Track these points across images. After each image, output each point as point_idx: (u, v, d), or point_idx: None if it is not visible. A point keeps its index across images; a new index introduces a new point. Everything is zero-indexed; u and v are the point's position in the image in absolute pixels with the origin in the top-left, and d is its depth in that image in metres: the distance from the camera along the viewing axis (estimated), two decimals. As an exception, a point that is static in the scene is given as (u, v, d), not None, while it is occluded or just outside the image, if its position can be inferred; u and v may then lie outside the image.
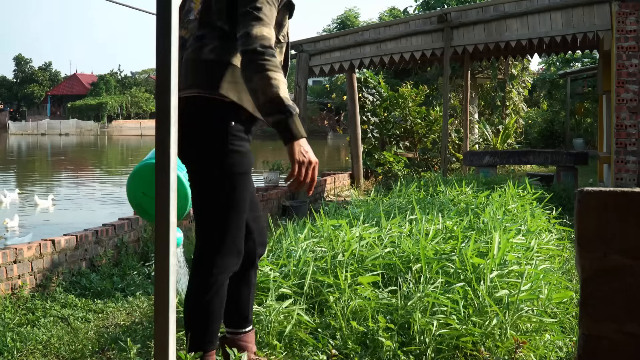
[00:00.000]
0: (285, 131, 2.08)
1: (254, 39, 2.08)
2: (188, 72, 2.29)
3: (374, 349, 2.87)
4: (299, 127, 2.10)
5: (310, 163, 2.12)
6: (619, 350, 1.35)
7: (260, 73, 2.06)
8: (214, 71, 2.24)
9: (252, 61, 2.07)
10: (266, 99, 2.06)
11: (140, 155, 30.66)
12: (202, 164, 2.29)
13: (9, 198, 12.86)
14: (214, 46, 2.26)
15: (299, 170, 2.11)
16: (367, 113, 13.94)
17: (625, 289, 1.35)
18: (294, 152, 2.10)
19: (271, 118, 2.08)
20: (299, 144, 2.09)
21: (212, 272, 2.31)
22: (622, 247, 1.35)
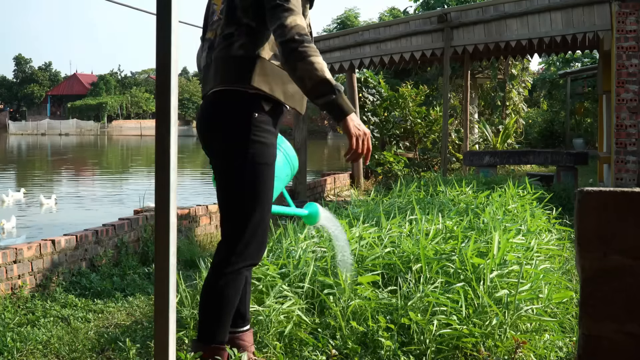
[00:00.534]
0: (337, 110, 2.15)
1: (290, 29, 2.14)
2: (217, 70, 2.36)
3: (374, 349, 2.87)
4: (348, 103, 2.17)
5: (365, 134, 2.19)
6: (619, 350, 1.35)
7: (303, 60, 2.12)
8: (244, 66, 2.30)
9: (293, 50, 2.13)
10: (314, 83, 2.13)
11: (140, 155, 30.67)
12: (226, 155, 2.34)
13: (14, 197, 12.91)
14: (243, 42, 2.32)
15: (357, 142, 2.16)
16: (367, 113, 13.94)
17: (625, 289, 1.35)
18: (349, 126, 2.15)
19: (321, 100, 2.15)
20: (351, 118, 2.16)
21: (231, 260, 2.34)
22: (622, 247, 1.35)
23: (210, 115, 2.39)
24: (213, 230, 7.11)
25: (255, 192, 2.32)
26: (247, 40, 2.31)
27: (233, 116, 2.32)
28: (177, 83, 1.77)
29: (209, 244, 6.64)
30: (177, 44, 1.75)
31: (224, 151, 2.35)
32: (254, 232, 2.34)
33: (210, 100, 2.39)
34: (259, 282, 3.42)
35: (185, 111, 62.64)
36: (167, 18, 1.71)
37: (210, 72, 2.40)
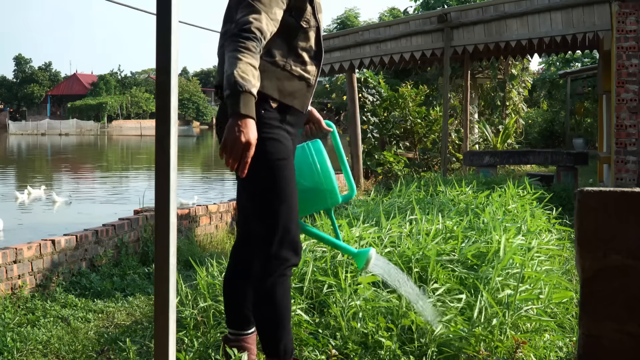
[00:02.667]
0: (231, 106, 2.03)
1: (237, 25, 2.10)
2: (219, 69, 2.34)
3: (374, 349, 2.87)
4: (247, 106, 2.02)
5: (240, 141, 2.01)
6: (619, 350, 1.35)
7: (229, 53, 2.06)
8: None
9: (228, 45, 2.08)
10: (225, 76, 2.05)
11: (140, 155, 30.68)
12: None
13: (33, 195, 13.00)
14: None
15: (226, 145, 2.02)
16: (367, 113, 13.94)
17: (625, 289, 1.35)
18: (230, 127, 2.02)
19: (224, 93, 2.06)
20: (238, 122, 2.01)
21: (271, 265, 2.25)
22: (622, 247, 1.35)
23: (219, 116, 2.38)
24: (213, 230, 7.11)
25: (277, 189, 2.24)
26: None
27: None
28: (177, 83, 1.77)
29: (209, 244, 6.64)
30: (177, 44, 1.75)
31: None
32: (286, 230, 2.25)
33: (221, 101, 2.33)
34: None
35: (185, 111, 62.61)
36: (167, 18, 1.71)
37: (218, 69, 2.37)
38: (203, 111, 65.10)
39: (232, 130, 2.01)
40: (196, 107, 64.35)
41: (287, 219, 2.25)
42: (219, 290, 3.47)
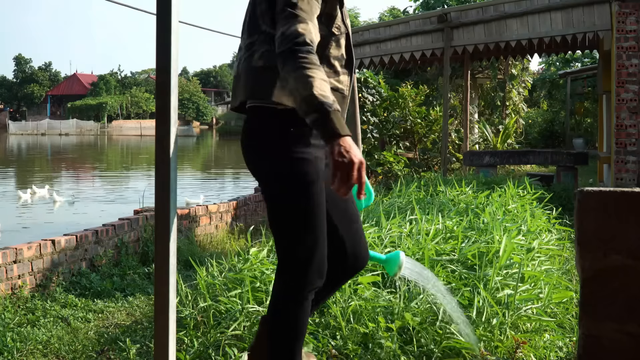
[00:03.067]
0: (324, 130, 1.87)
1: (288, 38, 1.95)
2: (242, 83, 2.18)
3: (374, 349, 2.87)
4: (339, 124, 1.88)
5: (353, 163, 1.84)
6: (619, 350, 1.35)
7: (294, 73, 1.91)
8: (264, 78, 2.12)
9: (286, 62, 1.93)
10: (301, 98, 1.89)
11: (141, 155, 30.68)
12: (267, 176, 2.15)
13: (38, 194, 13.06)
14: (263, 52, 2.13)
15: (339, 171, 1.86)
16: (367, 113, 13.94)
17: (625, 289, 1.35)
18: (334, 151, 1.86)
19: (309, 118, 1.90)
20: (339, 143, 1.86)
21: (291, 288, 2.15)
22: (622, 247, 1.35)
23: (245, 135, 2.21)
24: (213, 230, 7.11)
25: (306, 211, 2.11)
26: (268, 49, 2.11)
27: (268, 134, 2.12)
28: (177, 83, 1.77)
29: (209, 244, 6.64)
30: (177, 44, 1.75)
31: (265, 173, 2.16)
32: (311, 255, 2.13)
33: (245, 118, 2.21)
34: (260, 282, 3.42)
35: (185, 111, 62.59)
36: (167, 18, 1.72)
37: (239, 83, 2.21)
38: (203, 111, 65.09)
39: (340, 154, 1.85)
40: (196, 107, 64.31)
41: (315, 241, 2.13)
42: (219, 290, 3.48)
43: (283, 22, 1.99)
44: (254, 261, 3.61)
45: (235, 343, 2.95)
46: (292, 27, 1.96)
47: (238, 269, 3.62)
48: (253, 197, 8.69)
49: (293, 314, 2.16)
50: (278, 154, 2.10)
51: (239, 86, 2.21)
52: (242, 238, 6.91)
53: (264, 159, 2.14)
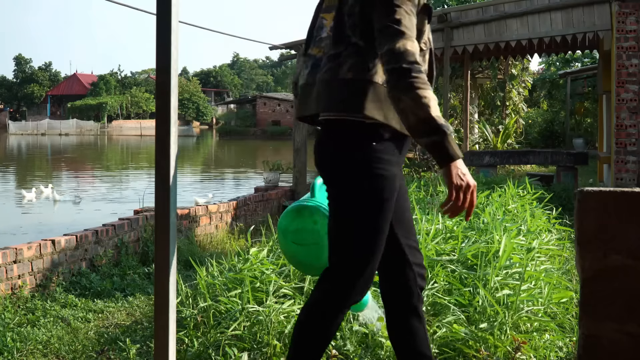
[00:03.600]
0: (440, 153, 1.91)
1: (399, 55, 1.94)
2: (323, 94, 2.13)
3: (374, 349, 2.87)
4: (455, 147, 1.91)
5: (469, 187, 1.91)
6: (619, 350, 1.35)
7: (409, 93, 1.91)
8: (355, 91, 2.07)
9: (400, 80, 1.93)
10: (417, 120, 1.90)
11: (141, 154, 30.69)
12: (342, 189, 2.12)
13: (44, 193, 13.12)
14: (352, 64, 2.08)
15: (457, 194, 1.91)
16: (367, 113, 13.93)
17: (625, 289, 1.35)
18: (451, 174, 1.90)
19: (424, 140, 1.91)
20: (456, 165, 1.91)
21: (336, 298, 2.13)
22: (622, 247, 1.35)
23: (323, 146, 2.18)
24: (213, 230, 7.11)
25: (375, 229, 2.10)
26: (357, 62, 2.08)
27: (350, 148, 2.09)
28: (177, 83, 1.77)
29: (209, 244, 6.64)
30: (177, 44, 1.75)
31: (340, 186, 2.12)
32: (363, 271, 2.12)
33: (324, 129, 2.18)
34: (260, 282, 3.42)
35: (185, 111, 62.56)
36: (167, 18, 1.72)
37: (313, 94, 2.17)
38: (203, 111, 65.06)
39: (456, 177, 1.91)
40: (196, 107, 64.28)
41: (373, 258, 2.12)
42: (219, 290, 3.48)
43: (389, 39, 1.97)
44: (254, 261, 3.61)
45: (235, 343, 2.95)
46: (399, 44, 1.96)
47: (238, 269, 3.62)
48: (253, 197, 8.70)
49: (328, 323, 2.14)
50: (359, 167, 2.08)
51: (312, 96, 2.17)
52: (242, 238, 6.91)
53: (343, 170, 2.11)
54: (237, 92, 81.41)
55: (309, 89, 2.18)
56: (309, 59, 2.23)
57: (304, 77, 2.23)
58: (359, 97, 2.05)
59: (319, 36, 2.22)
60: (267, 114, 53.50)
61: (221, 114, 63.60)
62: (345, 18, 2.11)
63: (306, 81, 2.20)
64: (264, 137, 48.15)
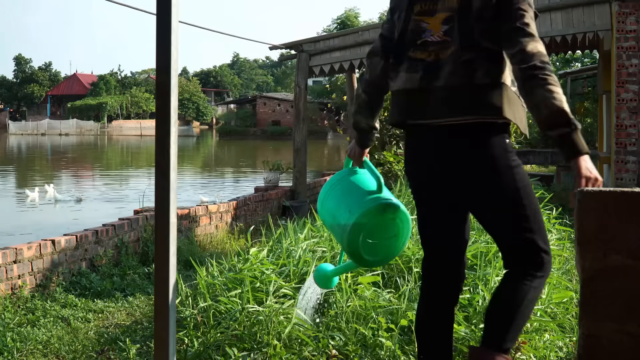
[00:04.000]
0: (570, 145, 2.03)
1: (532, 55, 2.07)
2: (455, 99, 2.18)
3: (374, 349, 2.87)
4: (583, 142, 2.05)
5: (597, 180, 2.02)
6: (619, 350, 1.35)
7: (543, 87, 2.04)
8: (494, 95, 2.17)
9: (534, 76, 2.05)
10: (550, 112, 2.02)
11: (141, 154, 30.67)
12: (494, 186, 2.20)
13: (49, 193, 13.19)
14: (487, 69, 2.17)
15: (584, 185, 2.01)
16: (367, 113, 13.93)
17: (625, 289, 1.35)
18: (580, 167, 2.02)
19: (555, 131, 2.04)
20: (584, 159, 2.03)
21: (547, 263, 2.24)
22: (622, 247, 1.35)
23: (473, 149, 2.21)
24: (213, 230, 7.11)
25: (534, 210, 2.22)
26: (491, 67, 2.17)
27: (494, 148, 2.19)
28: (177, 83, 1.77)
29: (209, 244, 6.64)
30: (177, 44, 1.75)
31: (491, 184, 2.20)
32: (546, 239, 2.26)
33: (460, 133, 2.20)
34: (260, 281, 3.42)
35: (185, 111, 62.52)
36: (167, 18, 1.72)
37: (433, 99, 2.20)
38: (203, 111, 65.04)
39: (585, 170, 2.02)
40: (196, 107, 64.24)
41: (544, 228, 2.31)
42: (219, 290, 3.48)
43: (521, 39, 2.10)
44: (254, 261, 3.61)
45: (235, 343, 2.95)
46: (532, 45, 2.09)
47: (238, 269, 3.62)
48: (253, 197, 8.69)
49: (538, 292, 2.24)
50: (504, 165, 2.19)
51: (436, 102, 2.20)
52: (242, 238, 6.91)
53: (491, 171, 2.19)
54: (237, 92, 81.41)
55: (424, 94, 2.22)
56: (418, 62, 2.24)
57: (417, 81, 2.23)
58: (498, 100, 2.15)
59: (421, 40, 2.24)
60: (267, 114, 53.50)
61: (221, 114, 63.59)
62: (473, 23, 2.16)
63: (419, 85, 2.23)
64: (264, 137, 48.14)
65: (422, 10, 2.26)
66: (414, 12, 2.27)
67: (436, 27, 2.22)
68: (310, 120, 36.89)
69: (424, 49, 2.23)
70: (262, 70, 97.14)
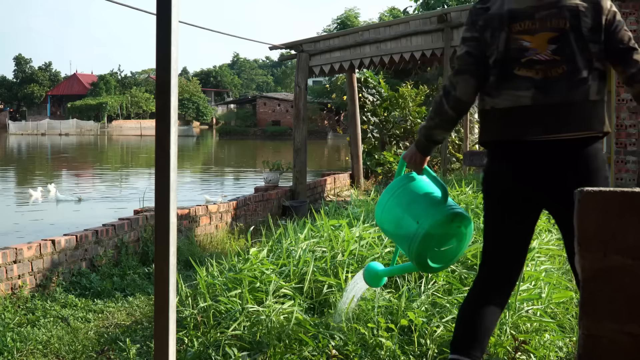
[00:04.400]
0: None
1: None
2: (576, 114, 2.31)
3: (374, 349, 2.87)
4: None
5: None
6: (619, 350, 1.35)
7: None
8: (602, 111, 2.34)
9: None
10: None
11: (141, 154, 30.67)
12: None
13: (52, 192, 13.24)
14: (598, 87, 2.31)
15: None
16: (367, 113, 13.94)
17: (625, 289, 1.35)
18: None
19: None
20: None
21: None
22: (622, 247, 1.35)
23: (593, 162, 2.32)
24: (213, 230, 7.10)
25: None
26: (600, 85, 2.32)
27: (600, 159, 2.34)
28: (177, 83, 1.77)
29: (209, 244, 6.64)
30: (177, 44, 1.75)
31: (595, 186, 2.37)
32: None
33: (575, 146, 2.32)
34: (260, 281, 3.42)
35: (185, 111, 62.51)
36: (167, 18, 1.71)
37: (551, 114, 2.31)
38: (203, 111, 65.03)
39: None
40: (196, 107, 64.22)
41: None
42: (219, 290, 3.48)
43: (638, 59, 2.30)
44: (254, 261, 3.61)
45: (235, 343, 2.95)
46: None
47: (238, 269, 3.62)
48: (253, 197, 8.69)
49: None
50: (606, 173, 2.35)
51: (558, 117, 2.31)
52: (242, 238, 6.91)
53: (598, 179, 2.32)
54: (237, 92, 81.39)
55: (539, 110, 2.31)
56: (522, 80, 2.31)
57: (525, 98, 2.31)
58: (605, 115, 2.34)
59: (526, 58, 2.31)
60: (267, 114, 53.50)
61: (221, 114, 63.59)
62: (591, 46, 2.31)
63: (533, 102, 2.30)
64: (264, 137, 48.14)
65: (522, 29, 2.32)
66: (513, 31, 2.33)
67: (541, 46, 2.30)
68: (310, 120, 36.87)
69: (529, 67, 2.30)
70: (262, 70, 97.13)
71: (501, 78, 2.33)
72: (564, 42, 2.28)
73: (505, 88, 2.32)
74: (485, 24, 2.37)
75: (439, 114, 2.40)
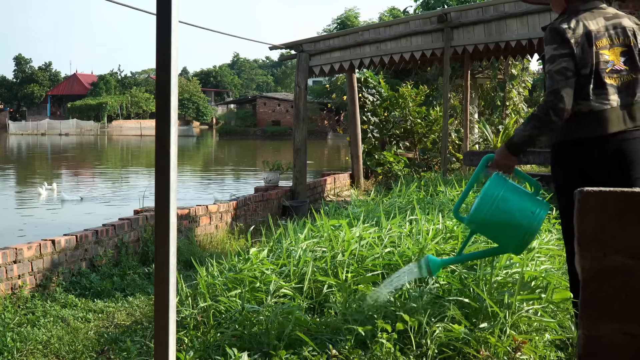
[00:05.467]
0: None
1: None
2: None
3: (374, 349, 2.87)
4: None
5: None
6: (619, 350, 1.35)
7: None
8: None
9: None
10: None
11: (142, 154, 30.67)
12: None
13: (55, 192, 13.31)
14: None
15: None
16: (367, 113, 13.94)
17: (625, 289, 1.35)
18: None
19: None
20: None
21: None
22: (622, 247, 1.35)
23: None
24: (213, 230, 7.10)
25: None
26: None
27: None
28: (177, 83, 1.77)
29: (209, 244, 6.63)
30: (177, 44, 1.75)
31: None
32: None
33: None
34: (260, 281, 3.42)
35: (185, 111, 62.51)
36: (167, 18, 1.71)
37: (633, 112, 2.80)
38: (203, 111, 65.02)
39: None
40: (196, 107, 64.22)
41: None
42: (219, 290, 3.47)
43: None
44: (254, 261, 3.61)
45: (235, 343, 2.95)
46: None
47: (238, 269, 3.62)
48: (253, 197, 8.69)
49: None
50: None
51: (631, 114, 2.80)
52: (242, 238, 6.91)
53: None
54: (237, 92, 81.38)
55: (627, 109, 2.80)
56: (611, 87, 2.81)
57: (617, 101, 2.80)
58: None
59: (609, 68, 2.82)
60: (267, 114, 53.49)
61: (221, 114, 63.57)
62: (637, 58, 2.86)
63: (625, 102, 2.81)
64: (264, 137, 48.14)
65: (602, 45, 2.82)
66: (597, 47, 2.81)
67: (616, 58, 2.83)
68: (310, 120, 36.87)
69: (610, 76, 2.81)
70: (262, 70, 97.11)
71: (595, 86, 2.78)
72: (630, 54, 2.84)
73: (598, 94, 2.78)
74: (576, 42, 2.79)
75: (545, 124, 2.75)
